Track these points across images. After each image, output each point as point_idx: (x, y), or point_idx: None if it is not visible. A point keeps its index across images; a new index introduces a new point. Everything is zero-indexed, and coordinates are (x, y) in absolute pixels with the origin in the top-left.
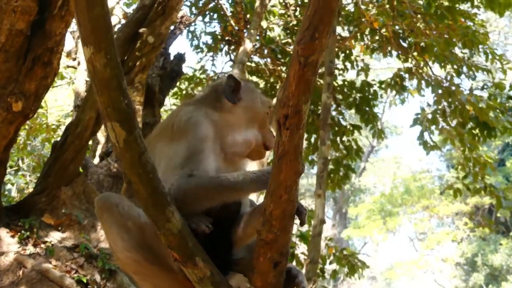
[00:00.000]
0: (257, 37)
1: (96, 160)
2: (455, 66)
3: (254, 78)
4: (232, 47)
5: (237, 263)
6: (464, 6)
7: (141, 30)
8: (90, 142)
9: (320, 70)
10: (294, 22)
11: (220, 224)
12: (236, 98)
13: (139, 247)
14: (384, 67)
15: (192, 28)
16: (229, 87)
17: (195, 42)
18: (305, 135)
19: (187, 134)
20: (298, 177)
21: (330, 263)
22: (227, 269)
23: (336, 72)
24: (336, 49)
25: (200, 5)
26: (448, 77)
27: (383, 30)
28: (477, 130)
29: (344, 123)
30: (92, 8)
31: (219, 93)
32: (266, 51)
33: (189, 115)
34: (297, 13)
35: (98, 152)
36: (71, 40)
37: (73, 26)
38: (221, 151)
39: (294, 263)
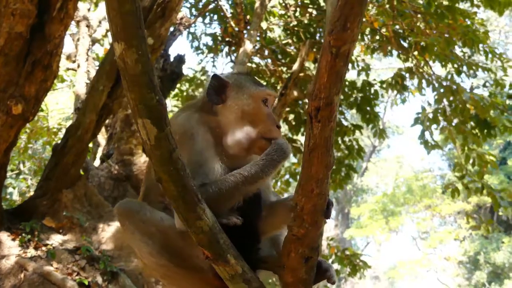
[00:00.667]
0: (257, 38)
1: (97, 163)
2: (455, 65)
3: None
4: (233, 48)
5: (265, 261)
6: (464, 5)
7: None
8: (91, 145)
9: None
10: (294, 23)
11: (245, 219)
12: (221, 98)
13: (164, 251)
14: (385, 67)
15: (192, 30)
16: (213, 88)
17: (195, 44)
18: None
19: (185, 147)
20: (329, 170)
21: (332, 262)
22: (255, 267)
23: None
24: None
25: (200, 6)
26: (449, 76)
27: (383, 30)
28: (477, 130)
29: (345, 123)
30: (123, 4)
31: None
32: (266, 52)
33: (184, 127)
34: (297, 13)
35: (99, 155)
36: (71, 43)
37: (72, 28)
38: (223, 154)
39: None
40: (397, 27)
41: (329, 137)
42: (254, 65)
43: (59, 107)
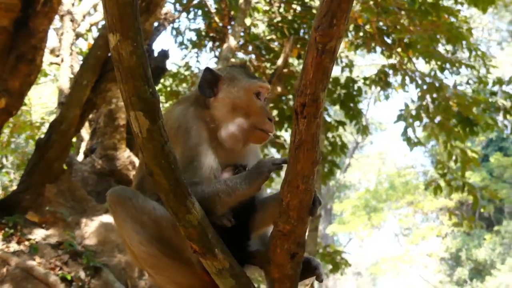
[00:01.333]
0: (242, 34)
1: (80, 157)
2: (439, 62)
3: None
4: (217, 43)
5: (253, 256)
6: (448, 3)
7: None
8: (74, 140)
9: None
10: (279, 19)
11: (236, 214)
12: (213, 91)
13: (155, 241)
14: (368, 63)
15: (176, 25)
16: (205, 81)
17: (179, 39)
18: (290, 131)
19: (179, 141)
20: (315, 167)
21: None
22: (243, 262)
23: None
24: None
25: (185, 1)
26: (432, 73)
27: (367, 26)
28: (460, 127)
29: (329, 119)
30: None
31: None
32: (250, 48)
33: (179, 121)
34: (281, 9)
35: (82, 150)
36: (55, 37)
37: (56, 22)
38: (218, 147)
39: None
40: (381, 23)
41: (315, 134)
42: (238, 61)
43: (42, 101)
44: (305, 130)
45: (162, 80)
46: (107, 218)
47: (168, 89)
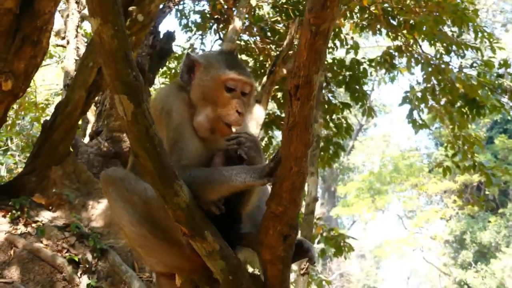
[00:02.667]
0: (246, 16)
1: (86, 140)
2: (444, 44)
3: (244, 57)
4: (221, 25)
5: (244, 238)
6: None
7: (130, 8)
8: (80, 122)
9: None
10: (283, 0)
11: (227, 201)
12: (190, 77)
13: (145, 221)
14: (372, 45)
15: (180, 7)
16: (185, 66)
17: (184, 21)
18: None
19: (164, 123)
20: (308, 149)
21: (318, 242)
22: (234, 244)
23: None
24: None
25: None
26: (438, 55)
27: (373, 8)
28: (466, 108)
29: (334, 101)
30: None
31: None
32: (255, 30)
33: (162, 103)
34: None
35: (88, 131)
36: (60, 19)
37: (62, 4)
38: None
39: None
40: (386, 5)
41: (308, 116)
42: (243, 43)
43: (46, 83)
44: (299, 112)
45: (166, 63)
46: None
47: (173, 71)
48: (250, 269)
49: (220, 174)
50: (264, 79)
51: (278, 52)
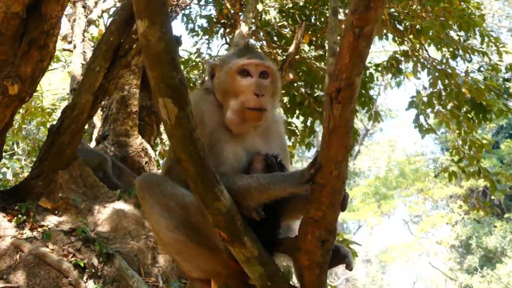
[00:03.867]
0: (253, 20)
1: (92, 144)
2: (451, 49)
3: None
4: (228, 30)
5: (281, 243)
6: None
7: None
8: (87, 126)
9: (321, 52)
10: (290, 5)
11: (267, 207)
12: (212, 79)
13: (182, 227)
14: (378, 50)
15: (187, 12)
16: (208, 73)
17: (191, 26)
18: (301, 118)
19: (198, 128)
20: (348, 152)
21: None
22: (272, 250)
23: None
24: None
25: None
26: (444, 60)
27: None
28: (472, 113)
29: None
30: None
31: None
32: (262, 34)
33: (194, 108)
34: None
35: (94, 136)
36: (67, 23)
37: (68, 9)
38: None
39: None
40: (393, 10)
41: (349, 119)
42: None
43: (52, 88)
44: (339, 116)
45: None
46: (120, 205)
47: None
48: None
49: (259, 182)
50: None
51: (284, 57)
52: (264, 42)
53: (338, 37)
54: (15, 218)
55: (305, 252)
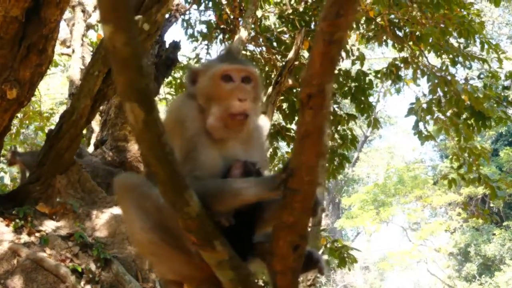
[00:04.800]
0: (252, 26)
1: (90, 149)
2: (450, 56)
3: None
4: (227, 35)
5: (255, 248)
6: None
7: (136, 17)
8: (85, 131)
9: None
10: (290, 11)
11: (242, 209)
12: (194, 85)
13: (157, 229)
14: (377, 57)
15: (186, 17)
16: (187, 78)
17: (190, 31)
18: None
19: (178, 133)
20: (320, 158)
21: (323, 253)
22: (246, 254)
23: None
24: None
25: None
26: (444, 67)
27: (379, 19)
28: (472, 121)
29: (339, 112)
30: None
31: None
32: (261, 40)
33: (176, 113)
34: (292, 1)
35: (92, 141)
36: (66, 28)
37: (67, 13)
38: (218, 139)
39: None
40: (393, 16)
41: (321, 125)
42: (248, 53)
43: (50, 92)
44: (311, 122)
45: (172, 73)
46: (118, 210)
47: (178, 81)
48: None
49: (231, 186)
50: (270, 89)
51: (284, 63)
52: (264, 48)
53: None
54: (13, 222)
55: (278, 257)
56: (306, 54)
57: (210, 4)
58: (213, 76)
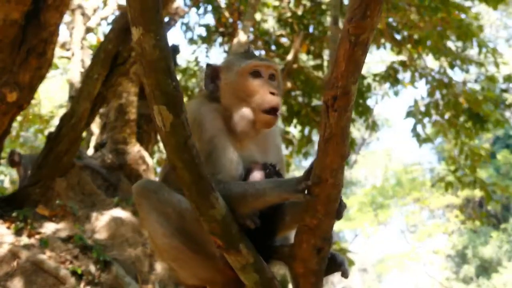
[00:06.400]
0: (251, 29)
1: (90, 151)
2: (448, 59)
3: None
4: (226, 38)
5: (276, 251)
6: None
7: None
8: (84, 134)
9: (319, 61)
10: (288, 14)
11: (264, 212)
12: (215, 84)
13: (178, 233)
14: (375, 60)
15: (186, 20)
16: (207, 76)
17: (189, 35)
18: (299, 127)
19: (196, 135)
20: (344, 161)
21: None
22: (268, 258)
23: None
24: None
25: None
26: (442, 70)
27: None
28: (470, 123)
29: None
30: None
31: None
32: (260, 43)
33: (193, 115)
34: (290, 5)
35: (92, 143)
36: (65, 31)
37: (67, 17)
38: (233, 137)
39: None
40: (391, 19)
41: (345, 127)
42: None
43: (50, 95)
44: (335, 124)
45: None
46: (117, 212)
47: None
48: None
49: (255, 187)
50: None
51: (282, 66)
52: (263, 51)
53: None
54: (13, 225)
55: (300, 260)
56: (304, 57)
57: (209, 7)
58: (242, 71)
